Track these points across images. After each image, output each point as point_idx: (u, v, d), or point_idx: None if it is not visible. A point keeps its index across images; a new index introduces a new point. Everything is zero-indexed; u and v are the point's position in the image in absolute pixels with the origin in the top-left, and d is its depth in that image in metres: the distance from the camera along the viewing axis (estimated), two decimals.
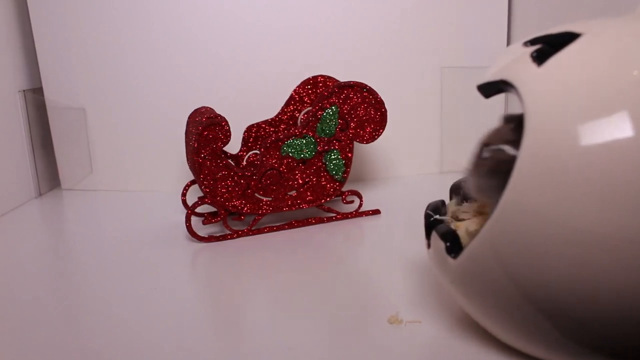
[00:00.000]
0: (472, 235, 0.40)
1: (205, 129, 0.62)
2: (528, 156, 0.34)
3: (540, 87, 0.35)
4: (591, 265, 0.33)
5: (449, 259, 0.40)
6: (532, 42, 0.39)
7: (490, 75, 0.39)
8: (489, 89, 0.39)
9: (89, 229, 0.76)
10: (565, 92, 0.34)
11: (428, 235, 0.44)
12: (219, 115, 0.63)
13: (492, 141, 0.42)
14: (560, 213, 0.33)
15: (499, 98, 0.92)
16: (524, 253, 0.35)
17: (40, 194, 0.90)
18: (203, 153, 0.63)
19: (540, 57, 0.36)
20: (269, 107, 0.77)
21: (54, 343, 0.45)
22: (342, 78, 0.75)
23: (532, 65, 0.36)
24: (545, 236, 0.33)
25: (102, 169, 0.91)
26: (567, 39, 0.37)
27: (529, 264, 0.35)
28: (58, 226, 0.79)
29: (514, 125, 0.38)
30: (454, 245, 0.40)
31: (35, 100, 0.90)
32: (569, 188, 0.32)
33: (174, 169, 0.88)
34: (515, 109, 0.91)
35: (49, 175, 0.93)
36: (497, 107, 0.92)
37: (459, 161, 0.93)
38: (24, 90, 0.87)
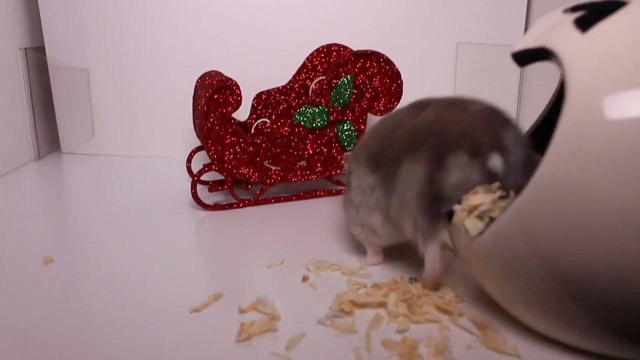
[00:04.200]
0: (473, 210, 0.38)
1: (215, 92, 0.60)
2: (569, 128, 0.32)
3: (583, 56, 0.33)
4: (630, 248, 0.31)
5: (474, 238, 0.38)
6: (574, 9, 0.36)
7: (528, 41, 0.37)
8: (526, 56, 0.37)
9: (90, 194, 0.74)
10: (609, 62, 0.32)
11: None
12: (230, 79, 0.61)
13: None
14: (602, 190, 0.31)
15: (514, 76, 0.89)
16: (556, 232, 0.32)
17: (39, 157, 0.88)
18: (212, 117, 0.61)
19: (584, 24, 0.34)
20: (280, 75, 0.74)
21: (52, 309, 0.44)
22: (356, 48, 0.73)
23: (576, 32, 0.34)
24: (583, 214, 0.31)
25: (104, 133, 0.89)
26: (612, 7, 0.34)
27: (561, 244, 0.33)
28: (57, 190, 0.77)
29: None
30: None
31: (37, 59, 0.87)
32: (611, 163, 0.30)
33: (179, 134, 0.86)
34: (531, 91, 0.88)
35: (48, 137, 0.91)
36: (511, 86, 0.90)
37: None
38: (25, 48, 0.84)
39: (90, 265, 0.51)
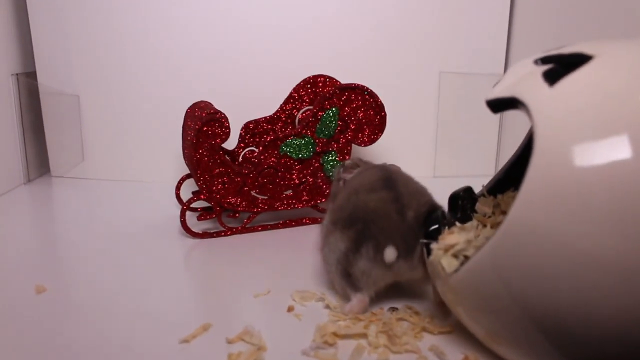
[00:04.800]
0: (448, 248, 0.41)
1: (204, 124, 0.62)
2: (536, 176, 0.34)
3: (551, 108, 0.35)
4: (593, 288, 0.33)
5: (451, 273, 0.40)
6: (544, 60, 0.39)
7: (500, 90, 0.39)
8: (499, 104, 0.40)
9: (79, 218, 0.75)
10: (574, 114, 0.34)
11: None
12: (219, 112, 0.63)
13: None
14: (565, 234, 0.33)
15: None
16: (525, 271, 0.35)
17: (29, 180, 0.89)
18: (201, 149, 0.63)
19: (552, 77, 0.36)
20: (267, 104, 0.77)
21: (40, 333, 0.45)
22: (342, 79, 0.75)
23: (544, 85, 0.36)
24: (549, 256, 0.34)
25: (94, 157, 0.90)
26: (579, 60, 0.37)
27: (530, 283, 0.35)
28: (47, 214, 0.78)
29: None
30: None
31: (28, 84, 0.89)
32: (574, 210, 0.33)
33: (168, 160, 0.88)
34: (513, 120, 0.91)
35: (38, 161, 0.92)
36: (492, 114, 0.92)
37: (453, 166, 0.94)
38: (17, 74, 0.86)
39: (80, 294, 0.53)
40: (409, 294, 0.52)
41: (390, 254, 0.46)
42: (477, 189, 0.54)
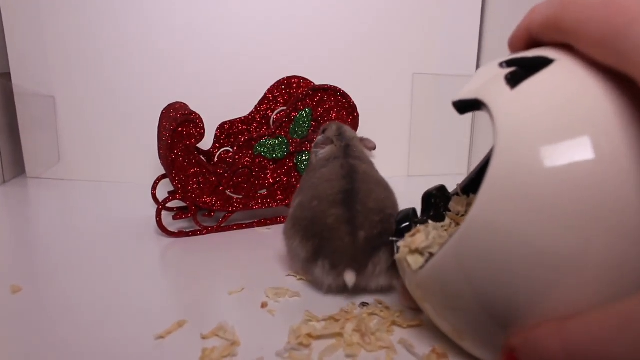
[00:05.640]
0: (415, 246, 0.43)
1: (179, 125, 0.63)
2: (496, 175, 0.35)
3: (511, 110, 0.37)
4: (550, 286, 0.34)
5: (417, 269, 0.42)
6: (508, 63, 0.40)
7: (465, 92, 0.41)
8: (464, 105, 0.41)
9: (55, 218, 0.76)
10: (533, 115, 0.36)
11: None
12: (194, 113, 0.64)
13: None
14: (524, 233, 0.34)
15: None
16: (486, 267, 0.36)
17: (4, 181, 0.89)
18: (176, 149, 0.64)
19: (513, 80, 0.38)
20: (242, 105, 0.78)
21: (16, 333, 0.46)
22: (315, 80, 0.76)
23: (506, 88, 0.38)
24: (507, 252, 0.35)
25: (70, 158, 0.91)
26: (540, 63, 0.38)
27: (490, 280, 0.36)
28: (22, 215, 0.78)
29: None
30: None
31: (2, 85, 0.88)
32: (533, 209, 0.34)
33: (144, 161, 0.88)
34: (485, 120, 0.93)
35: (13, 162, 0.92)
36: (465, 115, 0.94)
37: (426, 165, 0.95)
38: None
39: (56, 293, 0.53)
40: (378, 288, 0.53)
41: (350, 278, 0.50)
42: (450, 188, 0.56)
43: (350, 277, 0.50)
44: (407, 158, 0.96)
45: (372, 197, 0.53)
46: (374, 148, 0.66)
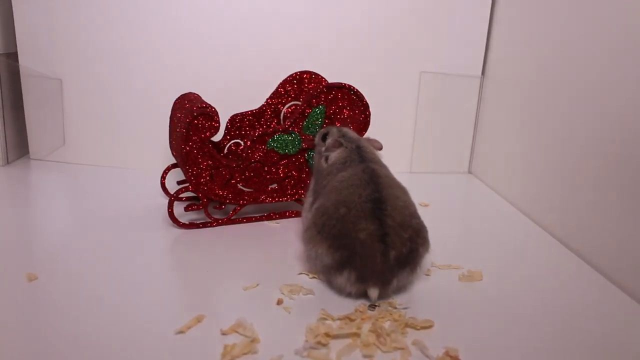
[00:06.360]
0: None
1: (195, 118, 0.63)
2: None
3: None
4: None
5: None
6: None
7: None
8: None
9: (59, 202, 0.75)
10: None
11: None
12: (210, 106, 0.64)
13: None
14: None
15: (472, 104, 0.95)
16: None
17: (7, 162, 0.89)
18: (191, 142, 0.64)
19: None
20: (253, 98, 0.78)
21: (19, 323, 0.46)
22: (327, 76, 0.77)
23: None
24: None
25: (75, 142, 0.90)
26: None
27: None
28: (25, 197, 0.78)
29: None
30: None
31: (9, 65, 0.88)
32: None
33: (151, 147, 0.88)
34: (488, 120, 0.93)
35: (18, 143, 0.92)
36: (468, 115, 0.96)
37: (429, 162, 0.97)
38: None
39: (69, 284, 0.53)
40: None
41: (373, 293, 0.51)
42: (452, 186, 0.57)
43: (374, 294, 0.51)
44: (410, 154, 0.97)
45: (398, 206, 0.54)
46: (381, 148, 0.66)
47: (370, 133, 0.84)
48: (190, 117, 0.63)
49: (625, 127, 0.59)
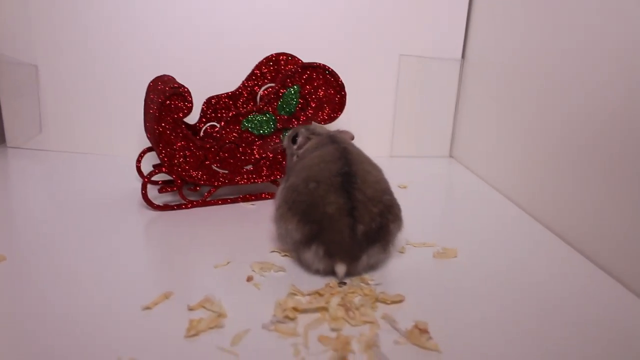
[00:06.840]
0: None
1: (167, 98, 0.63)
2: None
3: None
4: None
5: None
6: None
7: None
8: None
9: (37, 189, 0.75)
10: None
11: None
12: (183, 86, 0.64)
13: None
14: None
15: (453, 88, 0.95)
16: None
17: None
18: (164, 122, 0.63)
19: None
20: (229, 80, 0.77)
21: (2, 308, 0.46)
22: (303, 58, 0.76)
23: None
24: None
25: (52, 129, 0.90)
26: None
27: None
28: (2, 184, 0.77)
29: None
30: None
31: None
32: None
33: (128, 133, 0.88)
34: (468, 103, 0.92)
35: None
36: (448, 98, 0.95)
37: (409, 146, 0.96)
38: None
39: (41, 264, 0.53)
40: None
41: (341, 269, 0.51)
42: (432, 170, 0.57)
43: (341, 270, 0.51)
44: (390, 139, 0.96)
45: (369, 180, 0.53)
46: (352, 138, 0.66)
47: (349, 117, 0.84)
48: (162, 98, 0.62)
49: (605, 110, 0.59)
